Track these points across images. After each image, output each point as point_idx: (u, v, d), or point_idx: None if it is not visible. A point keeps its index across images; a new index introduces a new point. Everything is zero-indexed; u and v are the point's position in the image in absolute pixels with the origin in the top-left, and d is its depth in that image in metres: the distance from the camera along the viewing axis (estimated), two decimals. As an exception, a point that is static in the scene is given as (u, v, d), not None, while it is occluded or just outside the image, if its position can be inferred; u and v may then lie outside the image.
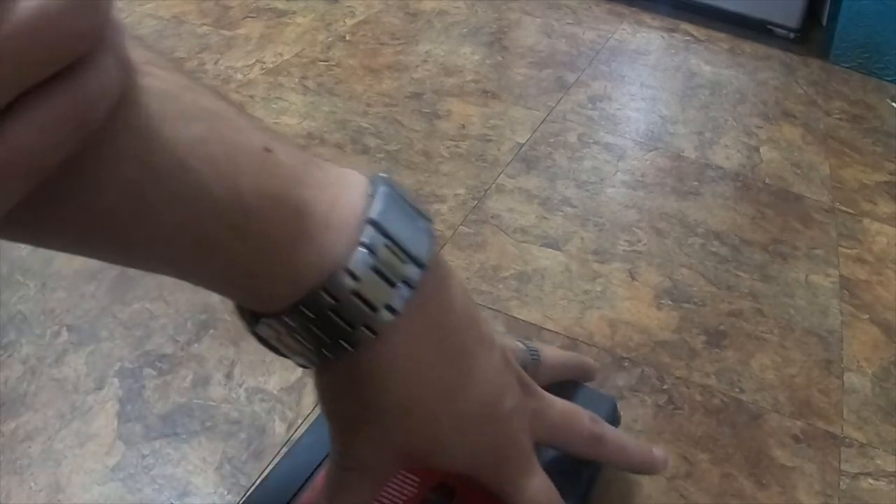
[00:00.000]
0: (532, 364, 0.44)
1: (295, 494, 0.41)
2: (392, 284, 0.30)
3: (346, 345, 0.31)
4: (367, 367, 0.32)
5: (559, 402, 0.41)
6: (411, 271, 0.31)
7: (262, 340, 0.33)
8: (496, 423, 0.36)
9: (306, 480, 0.42)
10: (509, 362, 0.38)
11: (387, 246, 0.30)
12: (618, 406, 0.54)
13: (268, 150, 0.28)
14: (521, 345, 0.45)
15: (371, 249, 0.29)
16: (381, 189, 0.32)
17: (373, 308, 0.30)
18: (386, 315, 0.30)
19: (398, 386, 0.32)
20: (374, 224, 0.30)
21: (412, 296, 0.31)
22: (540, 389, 0.40)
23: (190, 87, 0.27)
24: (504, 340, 0.41)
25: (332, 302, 0.29)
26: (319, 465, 0.43)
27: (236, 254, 0.28)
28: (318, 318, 0.30)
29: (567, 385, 0.50)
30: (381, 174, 0.33)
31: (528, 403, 0.38)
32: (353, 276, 0.29)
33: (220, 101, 0.28)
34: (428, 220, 0.33)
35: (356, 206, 0.30)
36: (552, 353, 0.49)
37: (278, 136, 0.30)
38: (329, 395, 0.35)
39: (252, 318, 0.33)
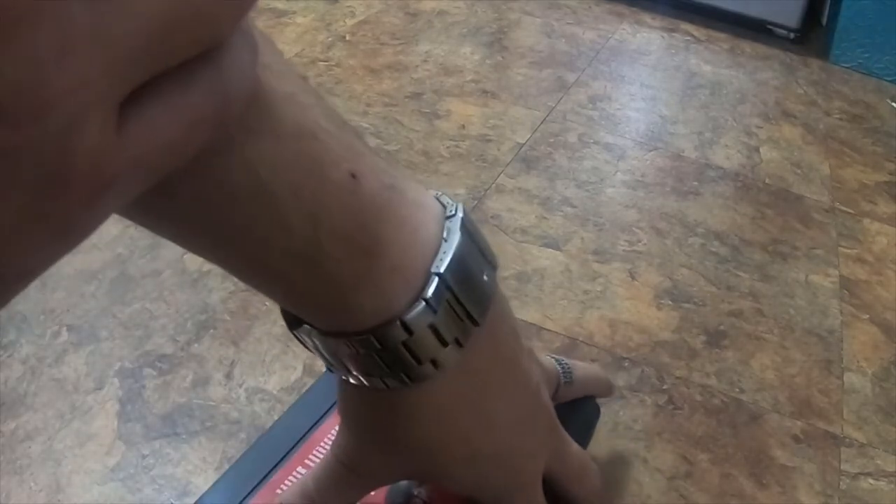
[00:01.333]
0: (564, 384, 0.44)
1: (265, 477, 0.41)
2: (445, 344, 0.29)
3: (380, 382, 0.30)
4: (395, 403, 0.31)
5: (577, 451, 0.41)
6: (467, 329, 0.29)
7: (297, 336, 0.32)
8: (513, 463, 0.36)
9: (279, 462, 0.42)
10: (541, 403, 0.37)
11: (448, 303, 0.28)
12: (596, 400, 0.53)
13: (354, 175, 0.26)
14: (554, 363, 0.44)
15: (432, 307, 0.28)
16: (455, 232, 0.29)
17: (418, 361, 0.29)
18: (429, 369, 0.29)
19: (422, 426, 0.31)
20: (442, 278, 0.28)
21: (460, 354, 0.30)
22: (564, 433, 0.40)
23: (291, 98, 0.25)
24: (541, 359, 0.41)
25: (379, 347, 0.28)
26: (291, 449, 0.43)
27: (297, 282, 0.27)
28: (359, 354, 0.29)
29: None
30: (457, 204, 0.31)
31: (550, 444, 0.38)
32: (408, 330, 0.28)
33: (316, 112, 0.26)
34: (493, 266, 0.31)
35: (427, 251, 0.28)
36: (582, 372, 0.48)
37: (365, 150, 0.28)
38: (349, 404, 0.33)
39: (294, 320, 0.31)
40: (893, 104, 1.22)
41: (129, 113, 0.15)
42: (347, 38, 1.13)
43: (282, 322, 0.63)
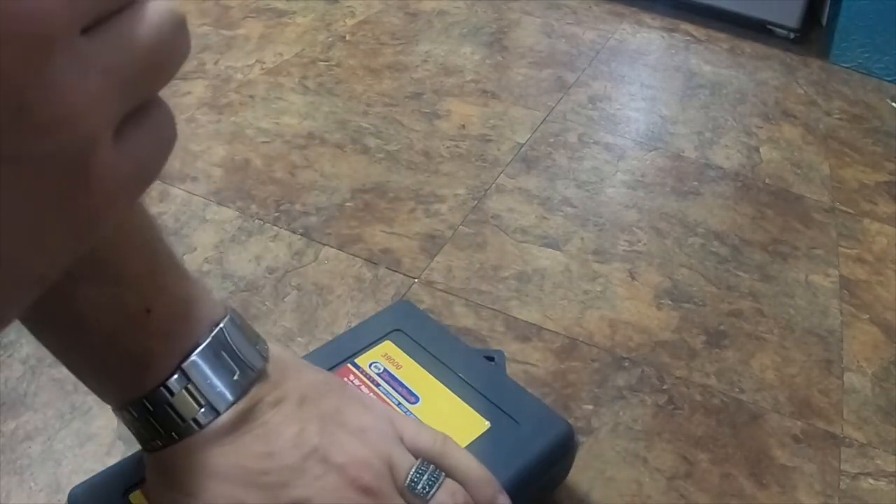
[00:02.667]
0: (416, 498, 0.40)
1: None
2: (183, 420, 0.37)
3: (157, 443, 0.37)
4: (171, 462, 0.38)
5: None
6: (206, 411, 0.37)
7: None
8: None
9: None
10: None
11: (189, 391, 0.37)
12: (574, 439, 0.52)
13: (148, 311, 0.36)
14: (411, 465, 0.41)
15: (172, 391, 0.37)
16: (210, 342, 0.37)
17: (182, 419, 0.37)
18: (190, 427, 0.37)
19: (191, 481, 0.37)
20: (184, 371, 0.37)
21: (216, 420, 0.37)
22: None
23: (120, 248, 0.35)
24: (394, 454, 0.40)
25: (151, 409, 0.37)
26: None
27: (93, 375, 0.38)
28: (138, 419, 0.37)
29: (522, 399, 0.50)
30: (225, 317, 0.39)
31: None
32: (170, 392, 0.36)
33: (139, 259, 0.36)
34: (248, 366, 0.38)
35: (183, 352, 0.37)
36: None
37: (167, 284, 0.37)
38: (147, 474, 0.40)
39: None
40: (893, 104, 1.22)
41: (122, 134, 0.19)
42: (347, 38, 1.13)
43: (282, 322, 0.63)
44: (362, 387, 0.49)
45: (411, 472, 0.40)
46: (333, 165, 0.85)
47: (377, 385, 0.49)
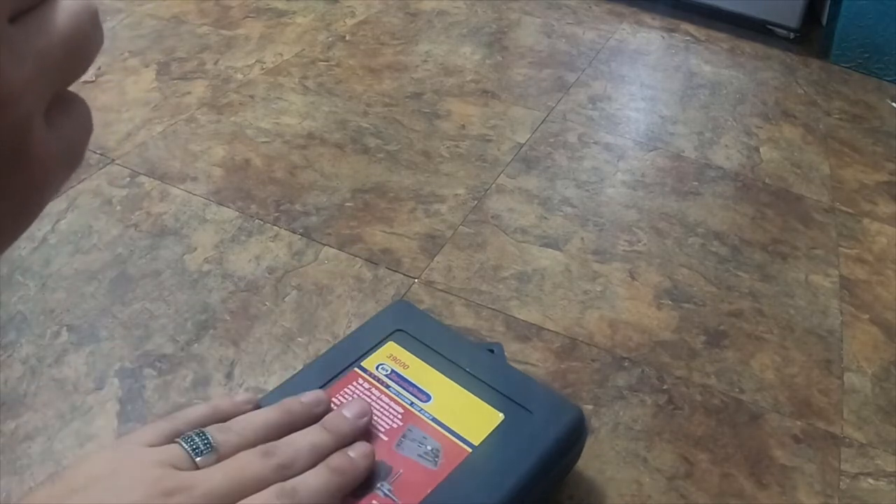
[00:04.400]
0: (200, 457, 0.39)
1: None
2: None
3: None
4: None
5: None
6: None
7: None
8: None
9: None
10: None
11: None
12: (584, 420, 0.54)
13: None
14: (178, 447, 0.39)
15: None
16: None
17: None
18: None
19: None
20: None
21: None
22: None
23: None
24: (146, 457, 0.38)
25: None
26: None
27: None
28: None
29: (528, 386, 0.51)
30: None
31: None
32: None
33: None
34: None
35: None
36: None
37: None
38: None
39: None
40: (893, 104, 1.22)
41: (49, 118, 0.21)
42: (347, 38, 1.13)
43: (282, 322, 0.63)
44: (373, 389, 0.49)
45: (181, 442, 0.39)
46: (333, 165, 0.85)
47: (387, 387, 0.49)
